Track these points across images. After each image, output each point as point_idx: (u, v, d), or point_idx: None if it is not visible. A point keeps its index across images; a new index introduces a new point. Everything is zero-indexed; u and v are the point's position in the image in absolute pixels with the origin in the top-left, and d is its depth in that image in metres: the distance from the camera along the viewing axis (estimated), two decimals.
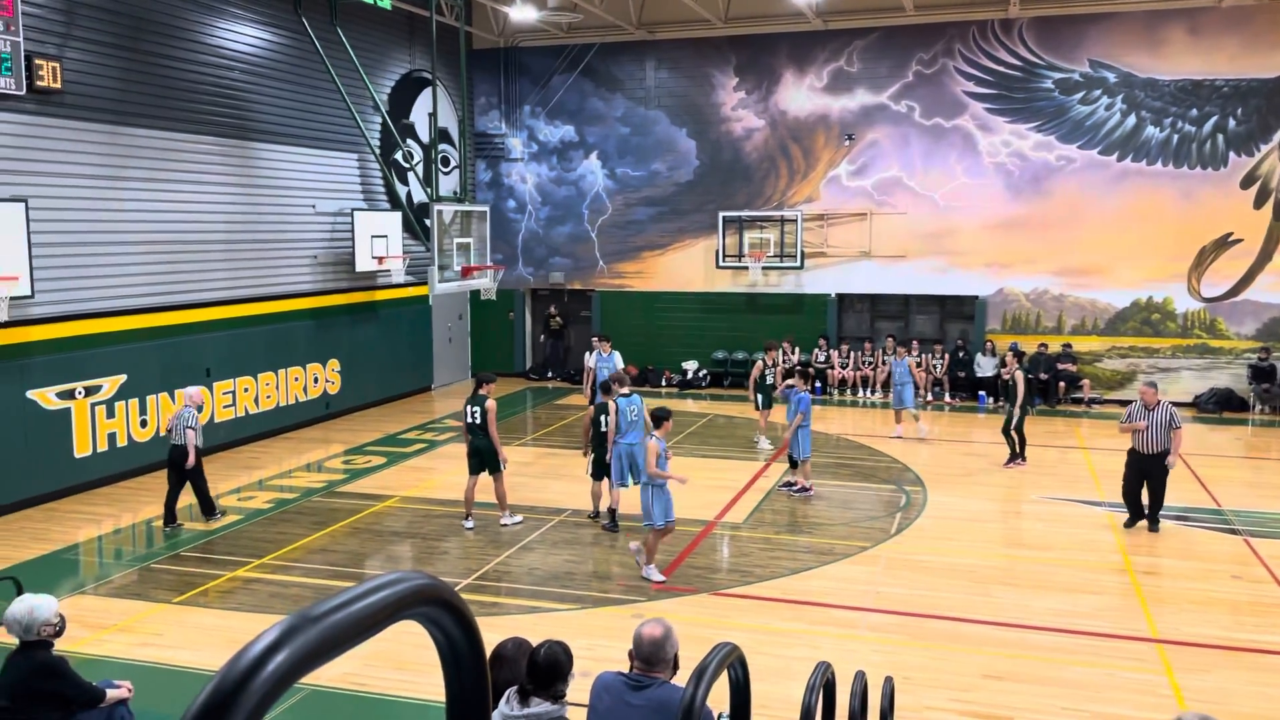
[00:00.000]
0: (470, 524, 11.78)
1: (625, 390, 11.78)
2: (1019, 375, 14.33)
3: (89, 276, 13.50)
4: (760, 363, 16.31)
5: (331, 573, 10.31)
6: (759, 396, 16.04)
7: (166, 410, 14.58)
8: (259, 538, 11.48)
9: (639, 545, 10.15)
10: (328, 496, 13.28)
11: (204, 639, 8.61)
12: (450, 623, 1.20)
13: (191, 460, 11.48)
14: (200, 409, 12.01)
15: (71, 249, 13.19)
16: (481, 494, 11.88)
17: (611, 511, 11.75)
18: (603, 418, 11.62)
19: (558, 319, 23.35)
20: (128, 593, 9.79)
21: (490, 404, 11.60)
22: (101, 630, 8.78)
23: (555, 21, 20.91)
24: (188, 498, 11.90)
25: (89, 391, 13.45)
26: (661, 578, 9.93)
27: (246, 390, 16.28)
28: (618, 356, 15.47)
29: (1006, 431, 14.64)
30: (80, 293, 13.38)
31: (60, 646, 5.67)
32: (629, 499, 11.83)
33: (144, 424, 14.29)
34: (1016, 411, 14.36)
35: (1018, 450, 14.58)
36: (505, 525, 11.82)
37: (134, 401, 14.14)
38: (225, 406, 15.85)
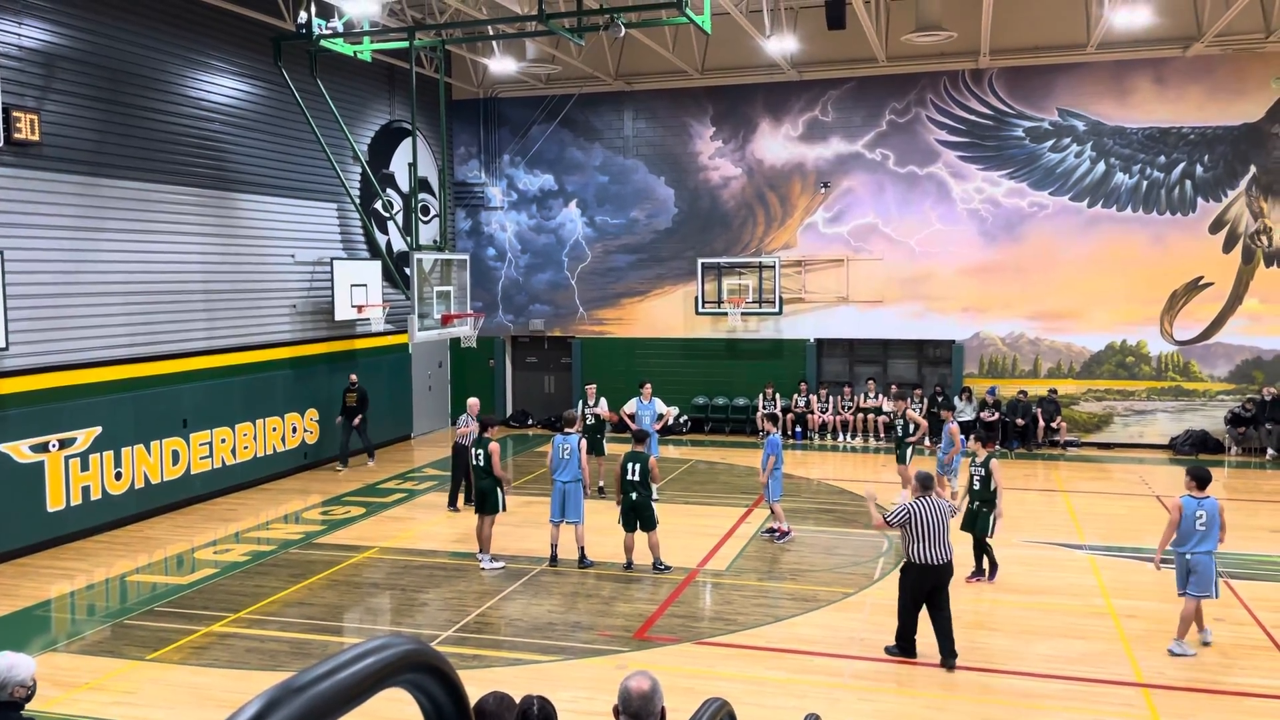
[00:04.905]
0: (485, 559, 12.10)
1: (568, 430, 12.15)
2: (995, 466, 11.07)
3: (65, 328, 13.39)
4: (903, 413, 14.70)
5: (309, 627, 10.15)
6: (899, 451, 14.98)
7: (142, 462, 14.46)
8: (235, 591, 11.30)
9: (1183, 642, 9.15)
10: (306, 548, 13.10)
11: (178, 697, 8.43)
12: (438, 690, 1.18)
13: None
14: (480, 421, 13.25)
15: (47, 300, 13.10)
16: (459, 544, 11.77)
17: (573, 551, 11.91)
18: (630, 465, 11.62)
19: (353, 392, 18.28)
20: (100, 650, 9.59)
21: (493, 446, 11.92)
22: (73, 689, 8.58)
23: (534, 73, 21.13)
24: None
25: (63, 444, 13.28)
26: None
27: (224, 441, 16.12)
28: (659, 402, 16.23)
29: (980, 542, 11.19)
30: (55, 344, 13.26)
31: (30, 708, 5.53)
32: (595, 541, 11.75)
33: (119, 476, 14.11)
34: (993, 520, 10.99)
35: (988, 562, 11.31)
36: (484, 569, 11.87)
37: (108, 454, 13.96)
38: (202, 458, 15.68)
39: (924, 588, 8.80)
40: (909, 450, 14.82)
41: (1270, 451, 18.59)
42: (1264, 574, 11.63)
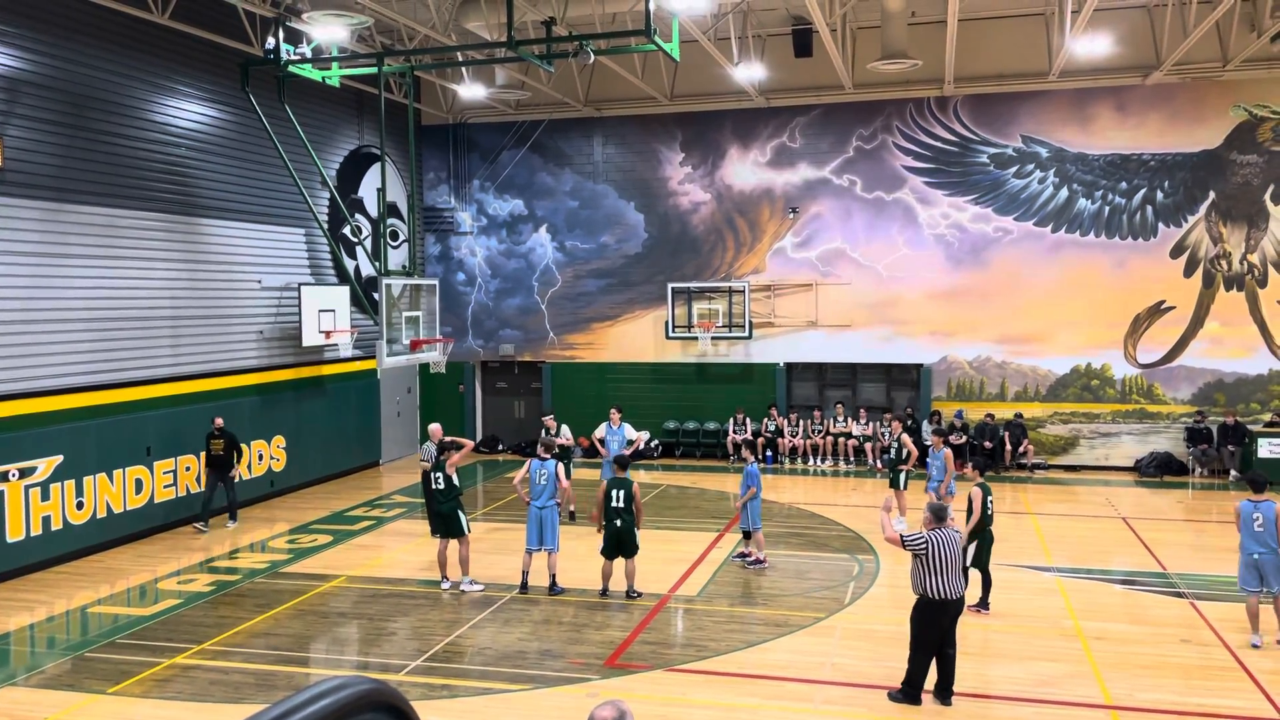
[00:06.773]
0: (447, 584, 12.07)
1: (545, 455, 12.08)
2: (975, 495, 10.97)
3: (26, 355, 13.18)
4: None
5: (275, 658, 9.99)
6: (894, 476, 14.76)
7: (104, 491, 14.22)
8: (199, 622, 11.11)
9: None
10: (272, 577, 12.92)
11: None
12: None
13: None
14: (437, 445, 13.36)
15: (8, 327, 12.90)
16: (427, 572, 11.63)
17: (544, 578, 11.93)
18: (614, 492, 11.57)
19: (220, 439, 15.41)
20: (60, 683, 9.39)
21: (450, 470, 12.07)
22: None
23: (504, 99, 21.17)
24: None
25: (23, 473, 13.04)
26: None
27: (188, 469, 15.89)
28: (628, 428, 16.01)
29: (982, 566, 11.10)
30: (17, 371, 13.04)
31: None
32: (566, 567, 11.69)
33: (80, 506, 13.86)
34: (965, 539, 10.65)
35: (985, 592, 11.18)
36: (465, 591, 11.82)
37: (70, 483, 13.72)
38: (166, 486, 15.44)
39: (941, 625, 8.50)
40: (903, 476, 14.71)
41: (1233, 473, 18.84)
42: (1230, 596, 11.73)
